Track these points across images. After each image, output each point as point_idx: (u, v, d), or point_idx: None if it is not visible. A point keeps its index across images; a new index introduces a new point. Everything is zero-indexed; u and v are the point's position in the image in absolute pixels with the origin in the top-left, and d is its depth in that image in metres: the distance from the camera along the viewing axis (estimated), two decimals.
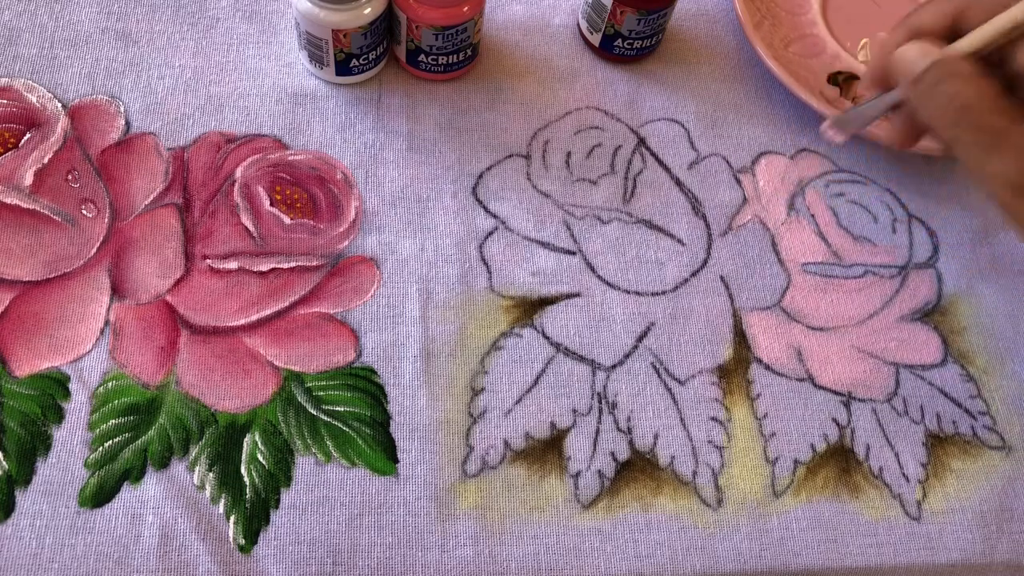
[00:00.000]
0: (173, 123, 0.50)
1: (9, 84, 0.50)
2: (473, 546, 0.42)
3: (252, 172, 0.49)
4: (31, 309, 0.45)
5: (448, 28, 0.49)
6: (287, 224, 0.48)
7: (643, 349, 0.47)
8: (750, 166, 0.52)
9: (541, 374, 0.46)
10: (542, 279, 0.48)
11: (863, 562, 0.43)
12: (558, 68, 0.54)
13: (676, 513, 0.43)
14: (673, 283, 0.49)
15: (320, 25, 0.48)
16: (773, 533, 0.43)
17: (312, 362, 0.45)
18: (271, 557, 0.41)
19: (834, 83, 0.55)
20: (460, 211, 0.49)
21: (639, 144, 0.52)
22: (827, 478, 0.45)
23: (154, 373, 0.44)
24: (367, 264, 0.48)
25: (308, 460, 0.43)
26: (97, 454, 0.42)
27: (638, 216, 0.50)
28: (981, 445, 0.46)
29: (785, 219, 0.51)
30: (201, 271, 0.47)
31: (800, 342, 0.48)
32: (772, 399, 0.46)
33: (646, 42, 0.53)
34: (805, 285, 0.49)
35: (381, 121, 0.51)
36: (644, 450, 0.44)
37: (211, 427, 0.43)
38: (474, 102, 0.53)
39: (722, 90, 0.55)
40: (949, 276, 0.50)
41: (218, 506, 0.42)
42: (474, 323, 0.47)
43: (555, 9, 0.56)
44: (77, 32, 0.53)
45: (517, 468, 0.44)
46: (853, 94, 0.54)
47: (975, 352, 0.48)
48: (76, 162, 0.49)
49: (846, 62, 0.56)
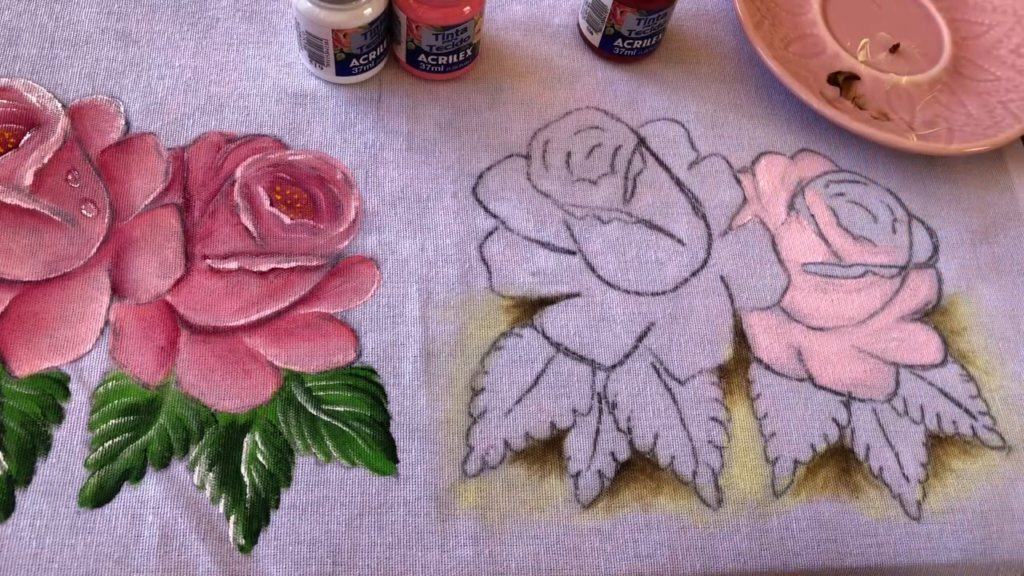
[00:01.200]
0: (173, 123, 0.50)
1: (9, 84, 0.50)
2: (473, 546, 0.42)
3: (252, 172, 0.49)
4: (31, 309, 0.45)
5: (448, 28, 0.49)
6: (287, 224, 0.48)
7: (643, 349, 0.47)
8: (750, 166, 0.52)
9: (541, 374, 0.46)
10: (542, 279, 0.48)
11: (863, 562, 0.43)
12: (558, 68, 0.54)
13: (676, 513, 0.43)
14: (673, 283, 0.49)
15: (320, 25, 0.48)
16: (773, 533, 0.43)
17: (312, 362, 0.45)
18: (271, 557, 0.41)
19: (834, 83, 0.55)
20: (460, 211, 0.49)
21: (639, 144, 0.52)
22: (827, 478, 0.45)
23: (154, 373, 0.44)
24: (367, 264, 0.48)
25: (308, 460, 0.43)
26: (97, 454, 0.42)
27: (638, 216, 0.50)
28: (981, 445, 0.46)
29: (785, 219, 0.51)
30: (201, 271, 0.47)
31: (800, 342, 0.48)
32: (772, 399, 0.46)
33: (646, 42, 0.53)
34: (805, 285, 0.49)
35: (381, 121, 0.51)
36: (644, 450, 0.44)
37: (211, 427, 0.43)
38: (474, 102, 0.53)
39: (722, 90, 0.55)
40: (949, 276, 0.50)
41: (218, 506, 0.42)
42: (474, 323, 0.47)
43: (555, 9, 0.56)
44: (77, 32, 0.53)
45: (517, 468, 0.44)
46: (853, 94, 0.54)
47: (975, 352, 0.48)
48: (76, 162, 0.49)
49: (846, 62, 0.56)
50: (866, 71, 0.55)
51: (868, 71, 0.55)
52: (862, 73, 0.55)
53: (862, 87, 0.55)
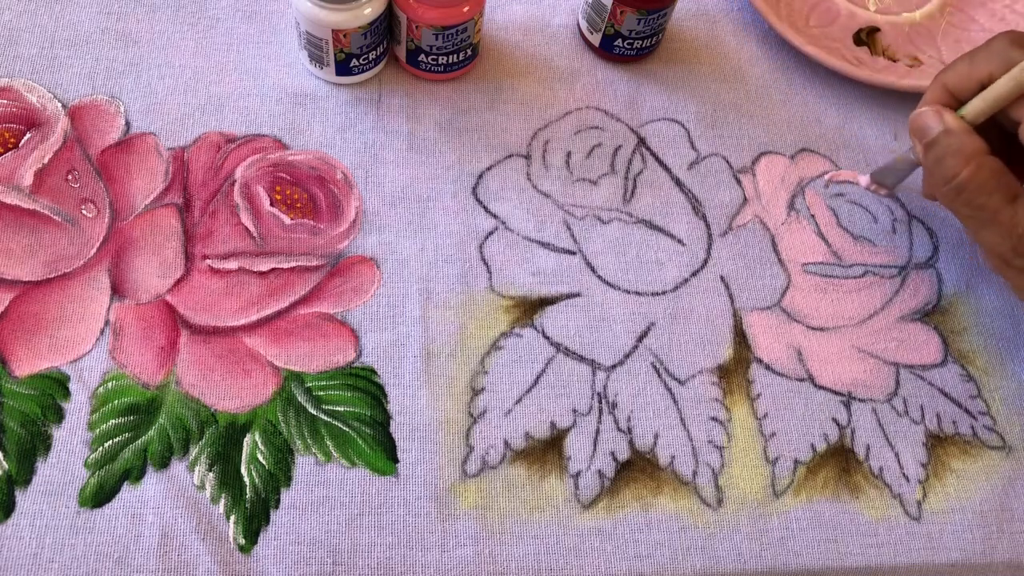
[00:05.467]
0: (173, 123, 0.50)
1: (9, 84, 0.50)
2: (473, 546, 0.42)
3: (252, 172, 0.49)
4: (31, 309, 0.45)
5: (448, 28, 0.49)
6: (287, 224, 0.48)
7: (643, 349, 0.47)
8: (750, 166, 0.52)
9: (541, 374, 0.46)
10: (542, 279, 0.48)
11: (863, 562, 0.43)
12: (558, 68, 0.54)
13: (676, 513, 0.43)
14: (673, 283, 0.49)
15: (320, 25, 0.48)
16: (773, 533, 0.43)
17: (312, 362, 0.45)
18: (271, 557, 0.41)
19: (859, 42, 0.55)
20: (460, 211, 0.49)
21: (639, 144, 0.52)
22: (827, 478, 0.45)
23: (154, 373, 0.44)
24: (367, 264, 0.48)
25: (308, 460, 0.43)
26: (97, 454, 0.42)
27: (638, 216, 0.50)
28: (981, 445, 0.46)
29: (785, 219, 0.51)
30: (201, 271, 0.47)
31: (800, 342, 0.48)
32: (772, 399, 0.46)
33: (646, 42, 0.53)
34: (805, 285, 0.49)
35: (381, 121, 0.51)
36: (644, 450, 0.44)
37: (211, 427, 0.43)
38: (474, 102, 0.53)
39: (722, 90, 0.55)
40: (949, 276, 0.50)
41: (218, 506, 0.42)
42: (474, 323, 0.47)
43: (555, 9, 0.56)
44: (77, 32, 0.53)
45: (517, 468, 0.44)
46: (881, 48, 0.55)
47: (975, 352, 0.48)
48: (76, 162, 0.49)
49: (862, 17, 0.57)
50: (883, 20, 0.57)
51: (885, 19, 0.57)
52: (880, 23, 0.56)
53: (885, 37, 0.55)
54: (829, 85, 0.55)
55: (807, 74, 0.56)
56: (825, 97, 0.55)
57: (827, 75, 0.55)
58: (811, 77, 0.56)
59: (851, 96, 0.55)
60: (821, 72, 0.56)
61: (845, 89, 0.55)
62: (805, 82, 0.55)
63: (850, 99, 0.55)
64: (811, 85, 0.55)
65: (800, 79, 0.55)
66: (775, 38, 0.57)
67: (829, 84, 0.55)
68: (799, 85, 0.55)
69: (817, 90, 0.55)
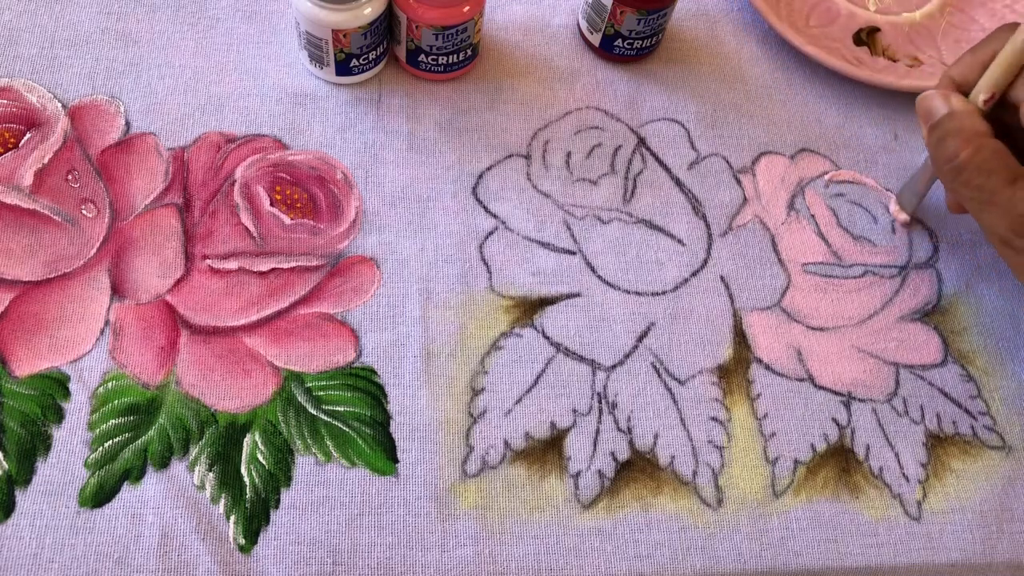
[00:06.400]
0: (173, 123, 0.50)
1: (9, 84, 0.50)
2: (473, 546, 0.42)
3: (252, 172, 0.49)
4: (31, 309, 0.45)
5: (448, 28, 0.49)
6: (287, 224, 0.48)
7: (643, 349, 0.47)
8: (750, 166, 0.52)
9: (541, 374, 0.46)
10: (542, 279, 0.48)
11: (863, 562, 0.43)
12: (558, 68, 0.54)
13: (676, 513, 0.43)
14: (673, 283, 0.49)
15: (320, 25, 0.48)
16: (773, 533, 0.43)
17: (312, 362, 0.45)
18: (271, 557, 0.41)
19: (859, 42, 0.55)
20: (460, 211, 0.49)
21: (639, 144, 0.52)
22: (827, 478, 0.45)
23: (154, 373, 0.44)
24: (367, 264, 0.48)
25: (308, 460, 0.43)
26: (97, 454, 0.42)
27: (638, 216, 0.50)
28: (981, 445, 0.46)
29: (785, 219, 0.51)
30: (201, 271, 0.47)
31: (800, 342, 0.48)
32: (772, 399, 0.46)
33: (646, 42, 0.53)
34: (805, 285, 0.49)
35: (381, 121, 0.51)
36: (644, 450, 0.44)
37: (211, 427, 0.43)
38: (474, 102, 0.53)
39: (722, 90, 0.55)
40: (949, 276, 0.50)
41: (218, 506, 0.42)
42: (474, 323, 0.47)
43: (555, 9, 0.56)
44: (77, 32, 0.53)
45: (517, 468, 0.44)
46: (881, 47, 0.55)
47: (975, 352, 0.48)
48: (76, 162, 0.49)
49: (862, 17, 0.57)
50: (883, 19, 0.56)
51: (885, 19, 0.57)
52: (880, 23, 0.56)
53: (885, 37, 0.55)
54: (829, 85, 0.55)
55: (807, 74, 0.56)
56: (825, 97, 0.55)
57: (827, 75, 0.55)
58: (811, 77, 0.56)
59: (851, 96, 0.55)
60: (821, 72, 0.56)
61: (845, 89, 0.55)
62: (805, 82, 0.55)
63: (850, 99, 0.55)
64: (811, 85, 0.55)
65: (800, 79, 0.56)
66: (775, 38, 0.57)
67: (829, 84, 0.55)
68: (799, 85, 0.55)
69: (817, 90, 0.55)
